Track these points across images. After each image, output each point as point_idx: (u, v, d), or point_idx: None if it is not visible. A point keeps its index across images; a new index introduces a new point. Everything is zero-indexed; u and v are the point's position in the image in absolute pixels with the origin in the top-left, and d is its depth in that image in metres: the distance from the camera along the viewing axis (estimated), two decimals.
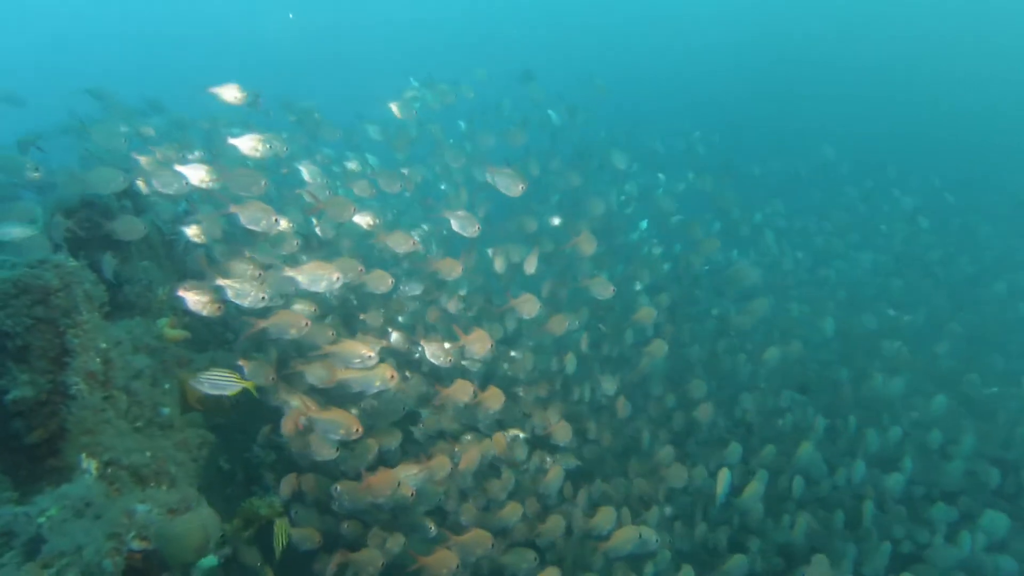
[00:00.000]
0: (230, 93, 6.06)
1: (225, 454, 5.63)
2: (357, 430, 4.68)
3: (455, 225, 6.13)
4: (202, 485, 4.98)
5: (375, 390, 5.01)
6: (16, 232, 4.52)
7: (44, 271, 3.30)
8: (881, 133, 21.14)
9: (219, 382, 4.14)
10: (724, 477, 6.09)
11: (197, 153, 5.60)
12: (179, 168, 5.01)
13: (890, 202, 13.24)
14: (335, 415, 4.68)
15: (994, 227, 13.52)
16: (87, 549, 2.60)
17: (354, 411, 5.13)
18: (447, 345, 5.63)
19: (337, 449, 4.75)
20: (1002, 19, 31.57)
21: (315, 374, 4.90)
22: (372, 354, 4.92)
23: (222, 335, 5.78)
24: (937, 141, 21.65)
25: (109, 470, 3.28)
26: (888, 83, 29.89)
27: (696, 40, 36.65)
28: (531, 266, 6.67)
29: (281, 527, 4.60)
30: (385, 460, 5.47)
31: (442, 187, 7.78)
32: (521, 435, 6.00)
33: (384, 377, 4.94)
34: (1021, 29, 30.77)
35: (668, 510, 6.32)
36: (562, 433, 6.06)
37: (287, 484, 4.99)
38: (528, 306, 6.21)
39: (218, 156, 5.81)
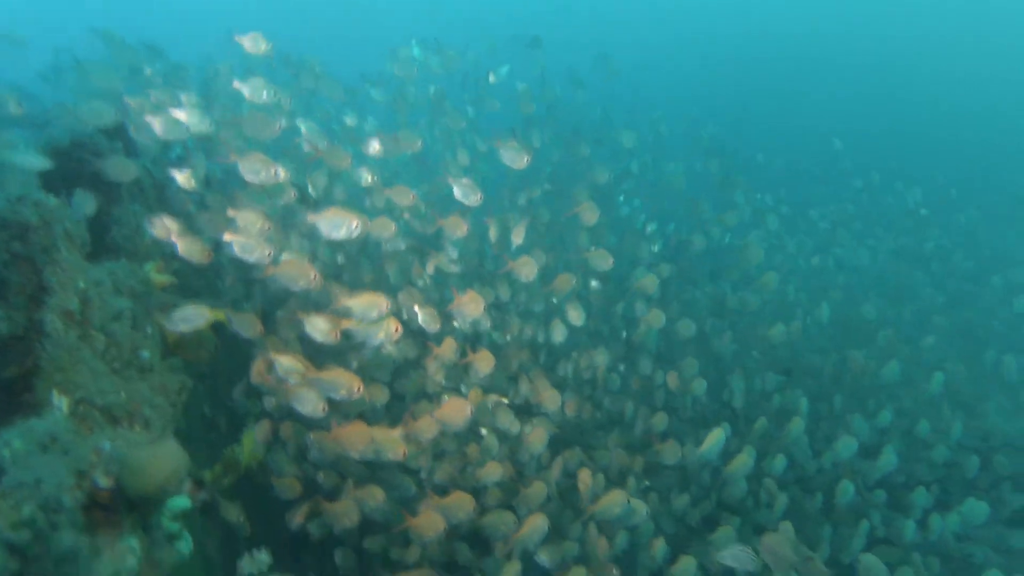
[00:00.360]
0: (253, 43, 6.04)
1: (209, 401, 5.64)
2: (358, 389, 4.63)
3: (457, 193, 6.04)
4: (184, 432, 4.99)
5: (378, 343, 4.96)
6: (32, 161, 4.49)
7: (23, 207, 3.25)
8: (881, 132, 20.85)
9: (189, 316, 4.10)
10: (717, 436, 6.02)
11: (189, 96, 5.53)
12: (176, 112, 4.95)
13: (893, 195, 13.12)
14: (335, 375, 4.59)
15: (993, 226, 13.45)
16: (47, 483, 2.57)
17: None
18: (434, 311, 5.61)
19: (325, 408, 4.69)
20: (1004, 19, 31.05)
21: (315, 326, 4.87)
22: (388, 306, 4.91)
23: (212, 283, 5.75)
24: (936, 141, 21.37)
25: (81, 408, 3.24)
26: (888, 83, 29.50)
27: (700, 34, 36.20)
28: (519, 236, 6.54)
29: (248, 437, 4.61)
30: (365, 416, 5.47)
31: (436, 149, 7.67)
32: (504, 400, 5.98)
33: (389, 331, 4.88)
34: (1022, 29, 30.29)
35: (645, 483, 6.32)
36: (550, 399, 6.03)
37: (262, 431, 4.98)
38: (526, 269, 6.14)
39: (213, 102, 5.75)
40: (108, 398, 3.37)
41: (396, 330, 4.93)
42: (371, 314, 4.90)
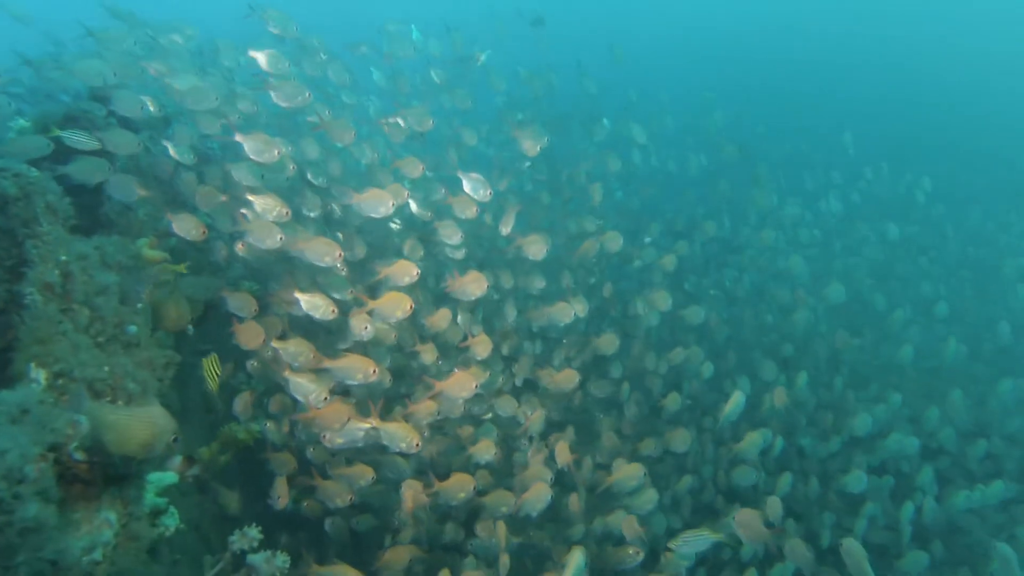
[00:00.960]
0: (279, 22, 6.17)
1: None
2: (374, 372, 4.55)
3: (467, 186, 5.90)
4: (179, 410, 4.92)
5: (395, 319, 4.91)
6: (82, 140, 4.45)
7: (2, 179, 3.15)
8: (881, 133, 20.32)
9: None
10: (737, 400, 5.88)
11: (184, 68, 5.44)
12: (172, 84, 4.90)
13: (901, 185, 12.85)
14: (350, 361, 4.53)
15: (997, 217, 13.22)
16: (10, 453, 2.47)
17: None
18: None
19: (328, 397, 4.56)
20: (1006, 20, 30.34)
21: (313, 304, 4.79)
22: (417, 274, 5.03)
23: (213, 261, 5.64)
24: (935, 140, 20.90)
25: (60, 381, 3.14)
26: (888, 82, 28.90)
27: (702, 29, 35.62)
28: (507, 226, 6.27)
29: (211, 361, 4.52)
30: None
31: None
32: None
33: (404, 308, 4.83)
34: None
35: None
36: (566, 380, 5.90)
37: (242, 402, 4.91)
38: (535, 247, 5.97)
39: (206, 77, 5.67)
40: (89, 371, 3.26)
41: (410, 307, 4.86)
42: (404, 279, 4.97)
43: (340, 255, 4.89)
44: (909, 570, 5.82)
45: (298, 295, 4.73)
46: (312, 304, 4.71)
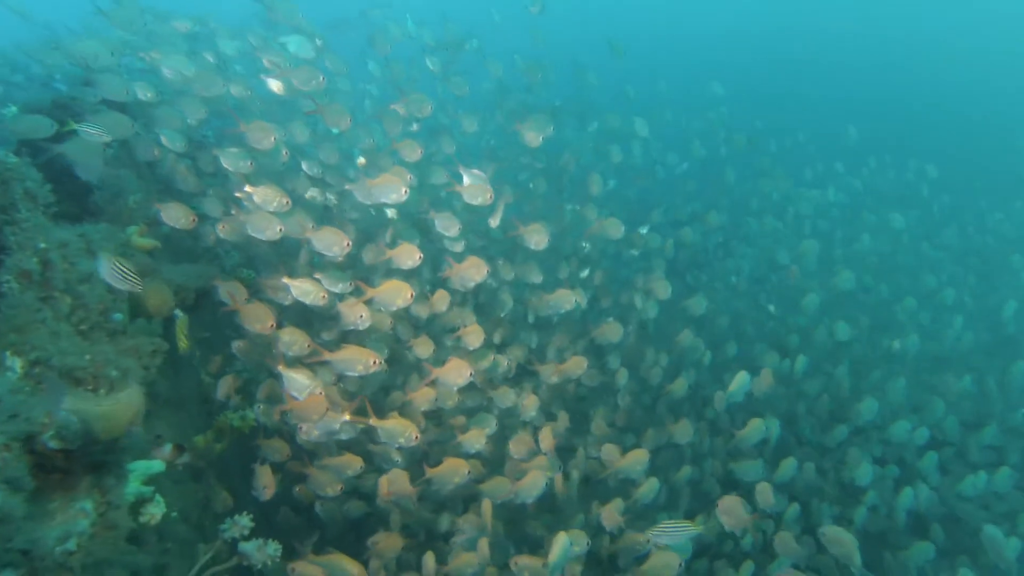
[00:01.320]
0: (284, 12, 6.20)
1: (206, 368, 5.47)
2: (375, 363, 4.45)
3: (467, 181, 5.77)
4: (175, 398, 4.83)
5: (396, 308, 4.82)
6: (98, 133, 4.37)
7: None
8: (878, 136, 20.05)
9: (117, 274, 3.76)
10: (742, 379, 5.74)
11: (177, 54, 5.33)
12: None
13: (903, 173, 12.62)
14: (351, 352, 4.43)
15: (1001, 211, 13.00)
16: None
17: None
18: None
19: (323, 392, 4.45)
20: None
21: (304, 291, 4.71)
22: (421, 258, 4.96)
23: (207, 248, 5.54)
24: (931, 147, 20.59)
25: (37, 370, 3.05)
26: (885, 82, 28.47)
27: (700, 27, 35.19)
28: (497, 218, 6.10)
29: (181, 322, 4.43)
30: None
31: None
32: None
33: (405, 296, 4.75)
34: None
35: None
36: (574, 367, 5.77)
37: (225, 385, 4.82)
38: (537, 236, 5.83)
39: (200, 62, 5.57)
40: (68, 359, 3.17)
41: (410, 295, 4.76)
42: (407, 263, 4.89)
43: (348, 244, 4.80)
44: (909, 563, 5.68)
45: (287, 281, 4.62)
46: (302, 290, 4.61)
